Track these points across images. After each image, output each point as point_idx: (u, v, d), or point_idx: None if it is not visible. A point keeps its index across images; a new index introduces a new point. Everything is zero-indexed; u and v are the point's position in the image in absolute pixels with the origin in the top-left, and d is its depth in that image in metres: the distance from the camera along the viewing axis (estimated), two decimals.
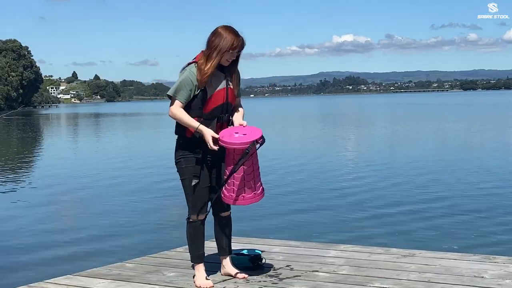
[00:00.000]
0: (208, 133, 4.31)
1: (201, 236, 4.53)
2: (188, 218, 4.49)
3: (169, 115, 4.40)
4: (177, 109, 4.35)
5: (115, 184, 15.77)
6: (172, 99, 4.38)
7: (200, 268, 4.51)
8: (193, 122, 4.33)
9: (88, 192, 14.50)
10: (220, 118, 4.43)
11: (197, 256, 4.51)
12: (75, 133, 45.00)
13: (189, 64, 4.43)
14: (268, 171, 16.51)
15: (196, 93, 4.34)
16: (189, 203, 4.46)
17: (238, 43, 4.35)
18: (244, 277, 4.57)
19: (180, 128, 4.44)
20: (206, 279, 4.46)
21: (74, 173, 18.40)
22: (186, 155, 4.42)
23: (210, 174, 4.47)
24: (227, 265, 4.67)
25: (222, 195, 4.43)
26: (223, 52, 4.32)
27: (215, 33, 4.36)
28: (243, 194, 4.36)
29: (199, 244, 4.51)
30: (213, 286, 4.40)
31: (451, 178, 14.75)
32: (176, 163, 4.48)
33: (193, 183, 4.40)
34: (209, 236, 4.65)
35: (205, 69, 4.30)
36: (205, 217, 4.49)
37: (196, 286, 4.43)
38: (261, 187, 4.46)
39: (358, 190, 13.37)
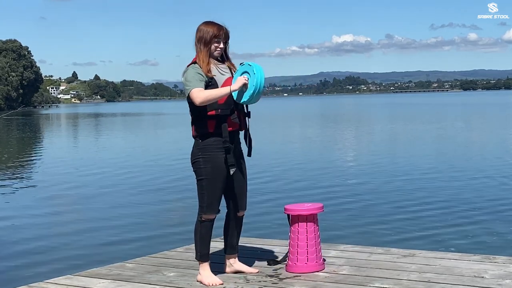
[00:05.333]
0: (240, 79, 4.38)
1: (210, 235, 4.57)
2: (200, 218, 4.51)
3: (198, 103, 4.34)
4: (202, 91, 4.37)
5: (115, 184, 15.77)
6: (191, 92, 4.38)
7: (207, 267, 4.54)
8: (224, 89, 4.39)
9: (88, 192, 14.50)
10: (236, 106, 4.49)
11: (205, 254, 4.54)
12: (75, 133, 44.99)
13: (188, 65, 4.52)
14: (269, 171, 16.52)
15: (209, 85, 4.41)
16: (203, 202, 4.48)
17: (220, 32, 4.49)
18: (257, 272, 4.66)
19: (201, 126, 4.43)
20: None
21: (74, 173, 18.40)
22: (205, 156, 4.44)
23: (227, 175, 4.49)
24: (235, 263, 4.71)
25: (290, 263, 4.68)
26: (208, 43, 4.47)
27: (197, 30, 4.54)
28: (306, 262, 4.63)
29: (208, 243, 4.55)
30: (222, 283, 4.43)
31: (451, 178, 14.75)
32: (194, 163, 4.49)
33: (208, 182, 4.44)
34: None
35: (201, 61, 4.45)
36: (215, 216, 4.54)
37: (204, 283, 4.44)
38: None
39: (358, 190, 13.37)
